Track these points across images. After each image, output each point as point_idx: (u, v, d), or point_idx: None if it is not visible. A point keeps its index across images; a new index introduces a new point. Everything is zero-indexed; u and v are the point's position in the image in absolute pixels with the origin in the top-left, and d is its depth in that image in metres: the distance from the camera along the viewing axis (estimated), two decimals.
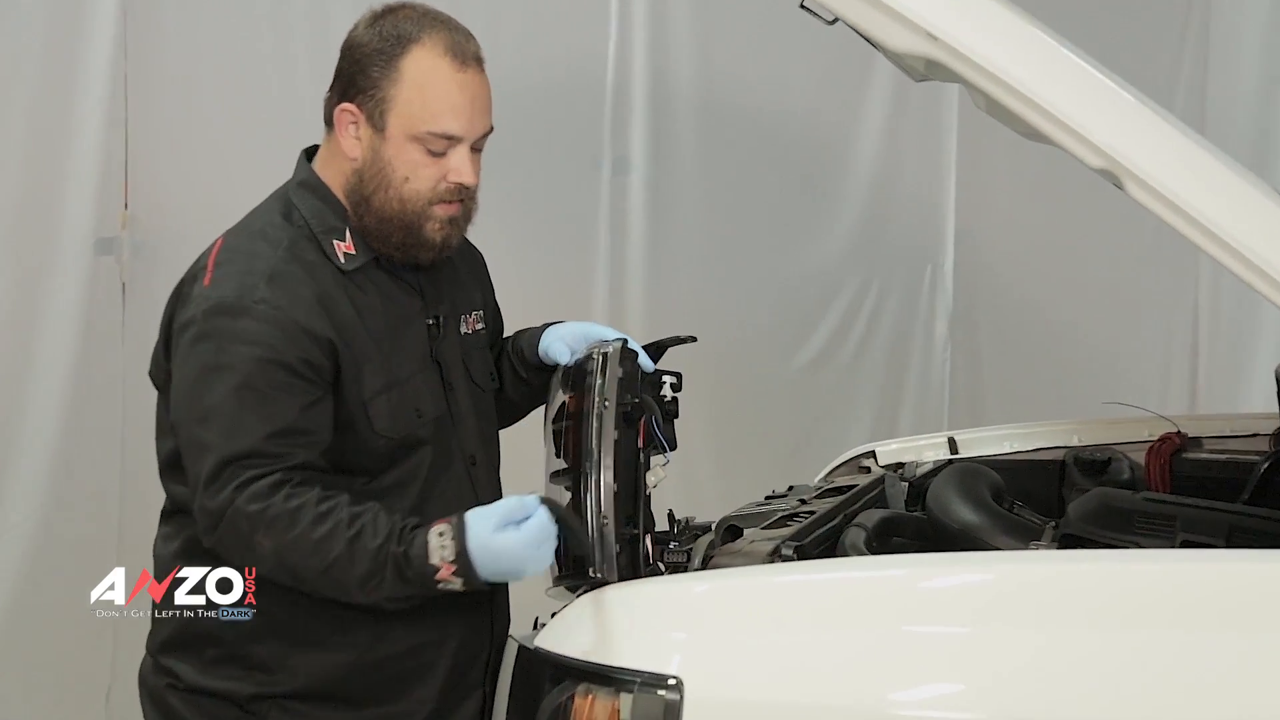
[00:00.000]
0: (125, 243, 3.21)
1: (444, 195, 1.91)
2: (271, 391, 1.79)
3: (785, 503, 2.32)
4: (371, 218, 1.92)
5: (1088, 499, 2.11)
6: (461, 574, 1.75)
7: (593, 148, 3.88)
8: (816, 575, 1.81)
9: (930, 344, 4.49)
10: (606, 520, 1.83)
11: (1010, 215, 4.52)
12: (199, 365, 1.82)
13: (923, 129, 4.37)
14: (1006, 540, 2.09)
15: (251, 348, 1.79)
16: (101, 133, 3.14)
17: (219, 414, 1.78)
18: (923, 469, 2.60)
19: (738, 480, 3.52)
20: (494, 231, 2.20)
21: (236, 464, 1.76)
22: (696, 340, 2.18)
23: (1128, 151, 1.72)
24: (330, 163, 1.96)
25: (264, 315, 1.81)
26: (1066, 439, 2.72)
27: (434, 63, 1.88)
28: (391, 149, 1.89)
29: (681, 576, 1.90)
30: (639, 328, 3.83)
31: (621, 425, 1.90)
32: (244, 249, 1.89)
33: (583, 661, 1.74)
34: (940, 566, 1.79)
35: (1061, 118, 1.73)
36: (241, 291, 1.82)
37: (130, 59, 3.17)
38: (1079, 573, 1.71)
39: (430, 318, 2.01)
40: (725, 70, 4.04)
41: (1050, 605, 1.66)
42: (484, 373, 2.12)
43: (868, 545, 2.02)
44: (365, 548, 1.75)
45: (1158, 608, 1.64)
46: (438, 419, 1.97)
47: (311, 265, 1.89)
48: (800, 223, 4.26)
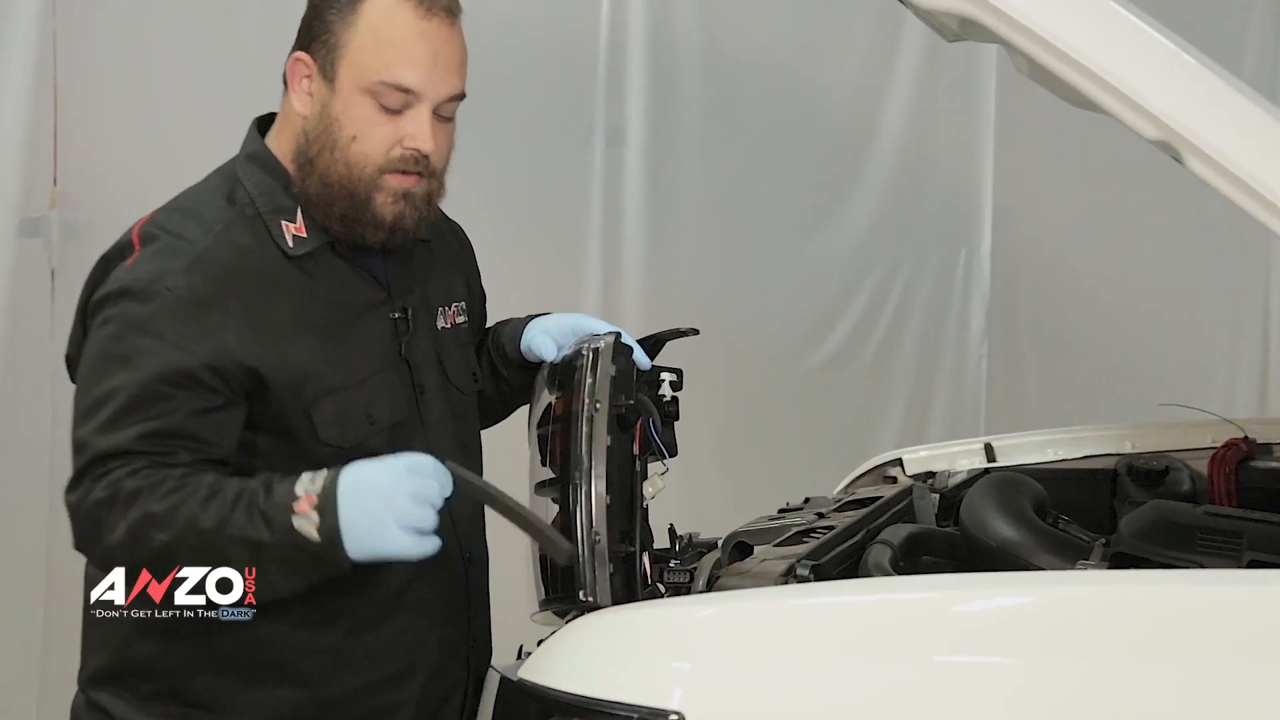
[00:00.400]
0: (54, 223, 3.20)
1: (397, 163, 1.89)
2: (164, 389, 1.77)
3: (800, 517, 2.32)
4: (314, 182, 1.90)
5: (1142, 513, 2.11)
6: (322, 509, 1.70)
7: (584, 116, 3.88)
8: (836, 599, 1.80)
9: (964, 338, 4.50)
10: (599, 537, 1.83)
11: (1055, 193, 4.53)
12: (97, 351, 1.81)
13: (957, 95, 4.38)
14: (1050, 559, 2.09)
15: (152, 341, 1.78)
16: (27, 99, 3.13)
17: (102, 408, 1.77)
18: (956, 479, 2.60)
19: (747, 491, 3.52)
20: (471, 212, 2.21)
21: (101, 463, 1.76)
22: (699, 333, 2.18)
23: (1188, 121, 1.72)
24: (283, 130, 1.95)
25: (172, 306, 1.79)
26: (1119, 445, 2.72)
27: (395, 7, 1.87)
28: (340, 103, 1.87)
29: (684, 600, 1.90)
30: (636, 319, 3.84)
31: (615, 429, 1.90)
32: (171, 228, 1.87)
33: (573, 695, 1.73)
34: (976, 589, 1.79)
35: (1113, 82, 1.73)
36: (155, 276, 1.80)
37: (60, 16, 3.16)
38: (1132, 596, 1.71)
39: (396, 311, 2.00)
40: (733, 29, 4.05)
41: (1100, 633, 1.66)
42: (464, 372, 2.12)
43: (893, 565, 2.02)
44: (223, 496, 1.72)
45: (1221, 636, 1.63)
46: (398, 425, 1.95)
47: (247, 252, 1.87)
48: (818, 202, 4.27)
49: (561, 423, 1.95)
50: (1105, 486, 2.61)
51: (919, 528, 2.25)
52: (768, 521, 2.30)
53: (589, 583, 1.82)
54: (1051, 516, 2.31)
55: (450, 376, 2.08)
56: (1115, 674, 1.62)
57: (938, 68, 4.28)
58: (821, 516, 2.30)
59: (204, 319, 1.80)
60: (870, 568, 2.01)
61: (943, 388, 4.47)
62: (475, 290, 2.24)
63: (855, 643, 1.70)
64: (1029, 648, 1.65)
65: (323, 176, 1.89)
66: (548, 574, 1.92)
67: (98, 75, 3.23)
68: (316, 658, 1.89)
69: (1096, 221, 4.50)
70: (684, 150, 4.02)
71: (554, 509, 1.93)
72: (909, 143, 4.33)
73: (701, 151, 4.04)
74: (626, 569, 1.89)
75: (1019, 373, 4.57)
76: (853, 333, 4.34)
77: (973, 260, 4.50)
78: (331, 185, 1.89)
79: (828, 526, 2.18)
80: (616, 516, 1.88)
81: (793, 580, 1.90)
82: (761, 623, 1.76)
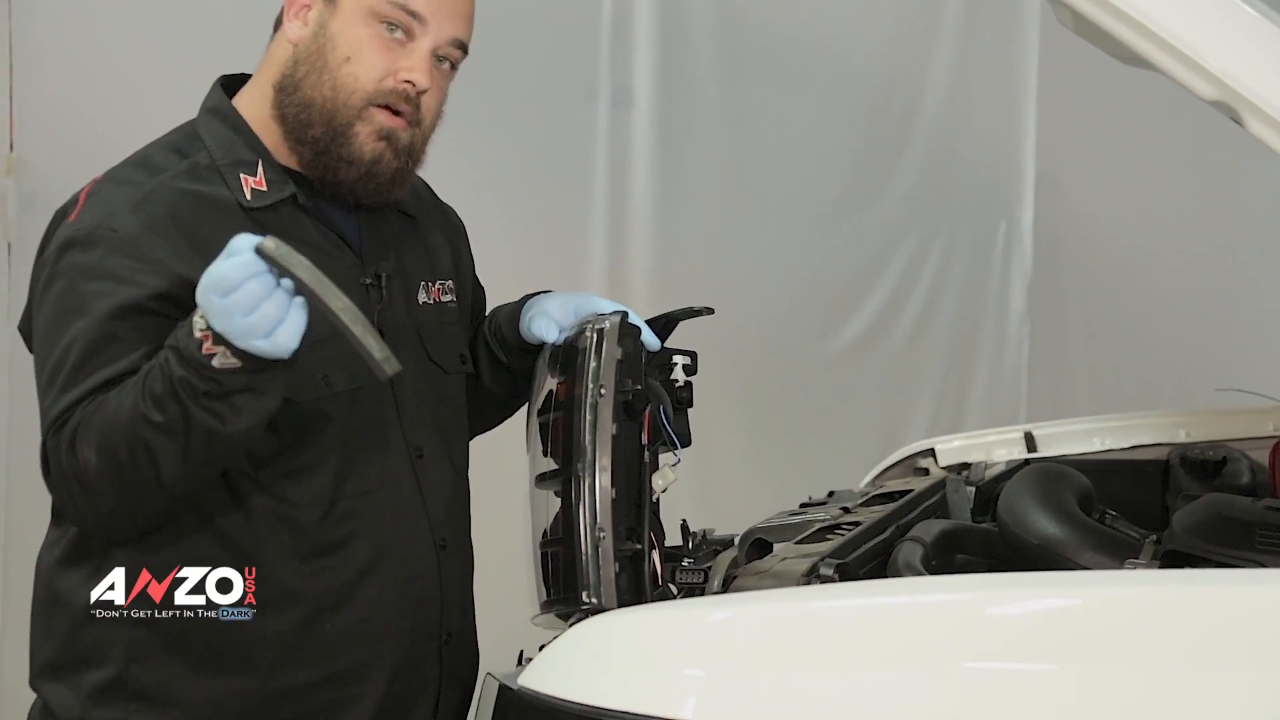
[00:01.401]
0: (11, 192, 3.22)
1: (388, 96, 1.92)
2: (117, 328, 1.80)
3: (824, 512, 2.32)
4: (294, 103, 1.93)
5: (1197, 508, 2.11)
6: (221, 341, 1.71)
7: (587, 77, 3.88)
8: (862, 600, 1.81)
9: (1004, 317, 4.51)
10: (603, 534, 1.84)
11: (1103, 159, 4.52)
12: (49, 312, 1.84)
13: (995, 52, 4.38)
14: (1096, 558, 2.09)
15: (103, 283, 1.81)
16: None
17: (63, 367, 1.80)
18: (993, 471, 2.60)
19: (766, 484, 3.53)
20: (467, 181, 2.21)
21: (66, 417, 1.78)
22: (714, 312, 2.18)
23: (1249, 79, 1.71)
24: (258, 84, 1.98)
25: (117, 244, 1.82)
26: (1171, 434, 2.72)
27: None
28: (339, 22, 1.92)
29: (697, 601, 1.91)
30: (645, 298, 3.84)
31: (621, 417, 1.91)
32: (119, 178, 1.91)
33: (577, 704, 1.74)
34: (1015, 590, 1.79)
35: (1167, 37, 1.72)
36: (98, 221, 1.84)
37: None
38: (1186, 598, 1.71)
39: (367, 277, 2.02)
40: None
41: (1150, 638, 1.66)
42: (448, 352, 2.13)
43: (925, 564, 2.02)
44: (154, 374, 1.74)
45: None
46: (360, 391, 1.96)
47: (199, 196, 1.89)
48: (844, 170, 4.26)
49: (563, 410, 1.96)
50: (1156, 479, 2.61)
51: (953, 524, 2.25)
52: (789, 517, 2.30)
53: (593, 583, 1.82)
54: (1098, 511, 2.31)
55: (430, 353, 2.09)
56: (1167, 683, 1.62)
57: (975, 22, 4.28)
58: (847, 511, 2.31)
59: (151, 251, 1.83)
60: (900, 567, 2.01)
61: (980, 372, 4.47)
62: (465, 273, 2.25)
63: (884, 649, 1.70)
64: (1073, 654, 1.66)
65: (304, 98, 1.93)
66: (549, 574, 1.93)
67: (56, 34, 3.24)
68: (269, 644, 1.89)
69: (1148, 190, 4.49)
70: (698, 113, 4.01)
71: (556, 503, 1.93)
72: (943, 104, 4.33)
73: (717, 114, 4.04)
74: (634, 568, 1.89)
75: (1063, 356, 4.57)
76: (882, 312, 4.34)
77: (1013, 233, 4.50)
78: (312, 106, 1.92)
79: (854, 522, 2.19)
80: (623, 512, 1.88)
81: (816, 581, 1.91)
82: (782, 627, 1.76)
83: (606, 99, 3.90)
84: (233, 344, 1.70)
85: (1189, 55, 1.72)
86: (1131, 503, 2.48)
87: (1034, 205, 4.49)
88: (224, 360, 1.72)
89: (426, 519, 2.02)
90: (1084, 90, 4.36)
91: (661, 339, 2.07)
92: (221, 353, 1.71)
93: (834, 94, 4.20)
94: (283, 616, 1.90)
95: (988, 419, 4.28)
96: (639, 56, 3.91)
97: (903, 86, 4.29)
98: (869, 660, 1.69)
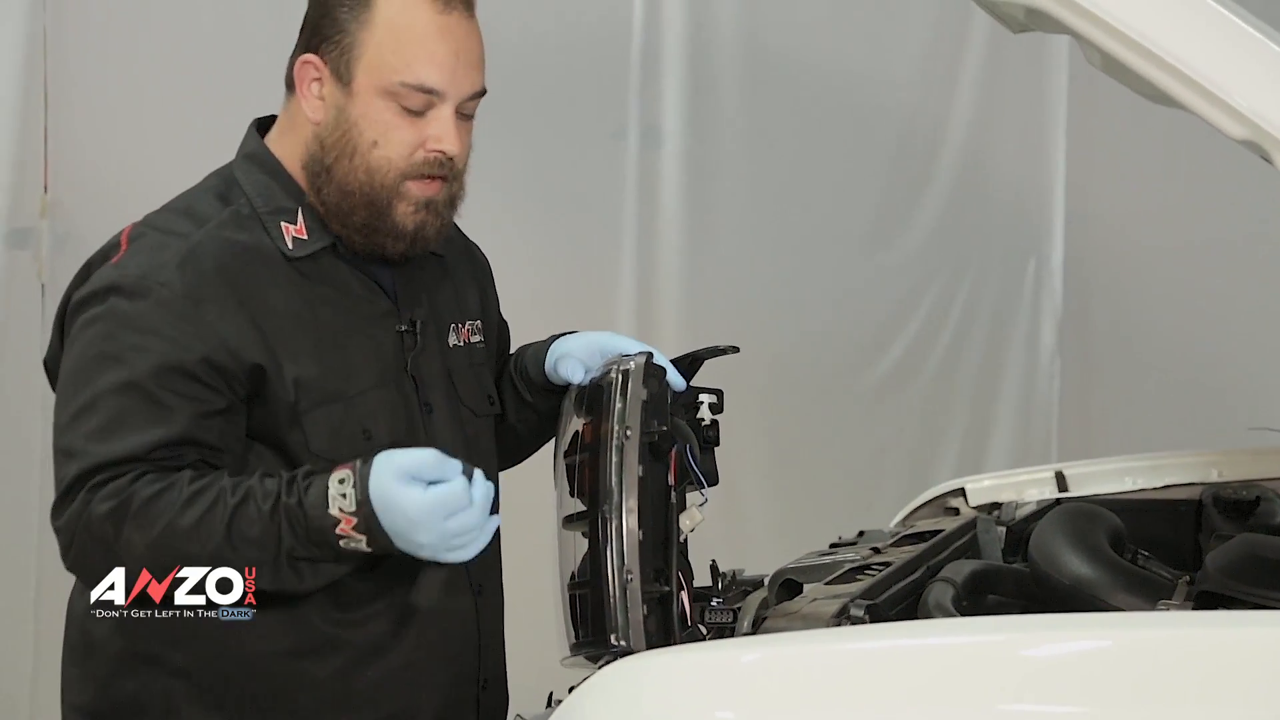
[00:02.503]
0: (45, 234, 3.24)
1: (421, 168, 1.92)
2: (162, 393, 1.79)
3: (854, 552, 2.31)
4: (333, 191, 1.93)
5: (1230, 548, 2.09)
6: (365, 529, 1.74)
7: (616, 115, 3.90)
8: (893, 642, 1.80)
9: (1034, 356, 4.49)
10: (630, 575, 1.83)
11: (1132, 197, 4.51)
12: (84, 352, 1.83)
13: (1024, 91, 4.38)
14: (1129, 599, 2.08)
15: (146, 338, 1.80)
16: (16, 101, 3.17)
17: (94, 413, 1.79)
18: (1024, 510, 2.59)
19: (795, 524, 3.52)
20: (495, 220, 2.22)
21: (101, 472, 1.77)
22: (739, 351, 2.17)
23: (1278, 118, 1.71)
24: (288, 134, 1.98)
25: (166, 301, 1.82)
26: (1204, 473, 2.70)
27: (411, 2, 1.89)
28: (359, 107, 1.90)
29: (727, 642, 1.90)
30: (673, 335, 3.84)
31: (647, 458, 1.90)
32: (162, 225, 1.91)
33: None
34: (1047, 631, 1.78)
35: (1196, 77, 1.72)
36: (146, 271, 1.83)
37: (49, 12, 3.20)
38: (1220, 640, 1.70)
39: (403, 324, 2.02)
40: (780, 19, 4.05)
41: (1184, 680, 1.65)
42: (478, 395, 2.13)
43: (956, 604, 2.01)
44: (255, 512, 1.75)
45: None
46: (399, 445, 1.93)
47: (244, 247, 1.90)
48: (872, 207, 4.27)
49: (590, 451, 1.95)
50: (1189, 519, 2.59)
51: (984, 564, 2.24)
52: (818, 557, 2.30)
53: (621, 625, 1.82)
54: (1130, 552, 2.30)
55: (462, 397, 2.09)
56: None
57: (1003, 61, 4.27)
58: (877, 552, 2.30)
59: (199, 313, 1.83)
60: (931, 608, 2.00)
61: (1009, 411, 4.45)
62: (491, 312, 2.25)
63: (915, 690, 1.70)
64: (1106, 696, 1.64)
65: (341, 184, 1.92)
66: (577, 616, 1.92)
67: (91, 76, 3.27)
68: (312, 692, 1.89)
69: (1178, 228, 4.47)
70: (726, 152, 4.02)
71: (583, 545, 1.93)
72: (972, 142, 4.33)
73: (745, 153, 4.04)
74: (662, 610, 1.88)
75: (1093, 394, 4.55)
76: (910, 350, 4.33)
77: (1043, 270, 4.49)
78: (352, 194, 1.92)
79: (884, 563, 2.18)
80: (650, 553, 1.88)
81: (846, 622, 1.90)
82: (812, 668, 1.75)
83: (635, 137, 3.91)
84: (394, 542, 1.74)
85: (1218, 95, 1.72)
86: (1164, 543, 2.46)
87: (1064, 243, 4.48)
88: (352, 544, 1.75)
89: (464, 565, 2.02)
90: (1113, 129, 4.36)
91: (687, 378, 2.07)
92: (358, 539, 1.74)
93: (862, 132, 4.20)
94: (324, 664, 1.90)
95: (1018, 457, 4.27)
96: (667, 95, 3.92)
97: (930, 123, 4.30)
98: (900, 702, 1.68)
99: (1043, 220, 4.49)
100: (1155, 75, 1.74)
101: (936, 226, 4.32)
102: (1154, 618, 1.95)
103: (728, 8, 3.97)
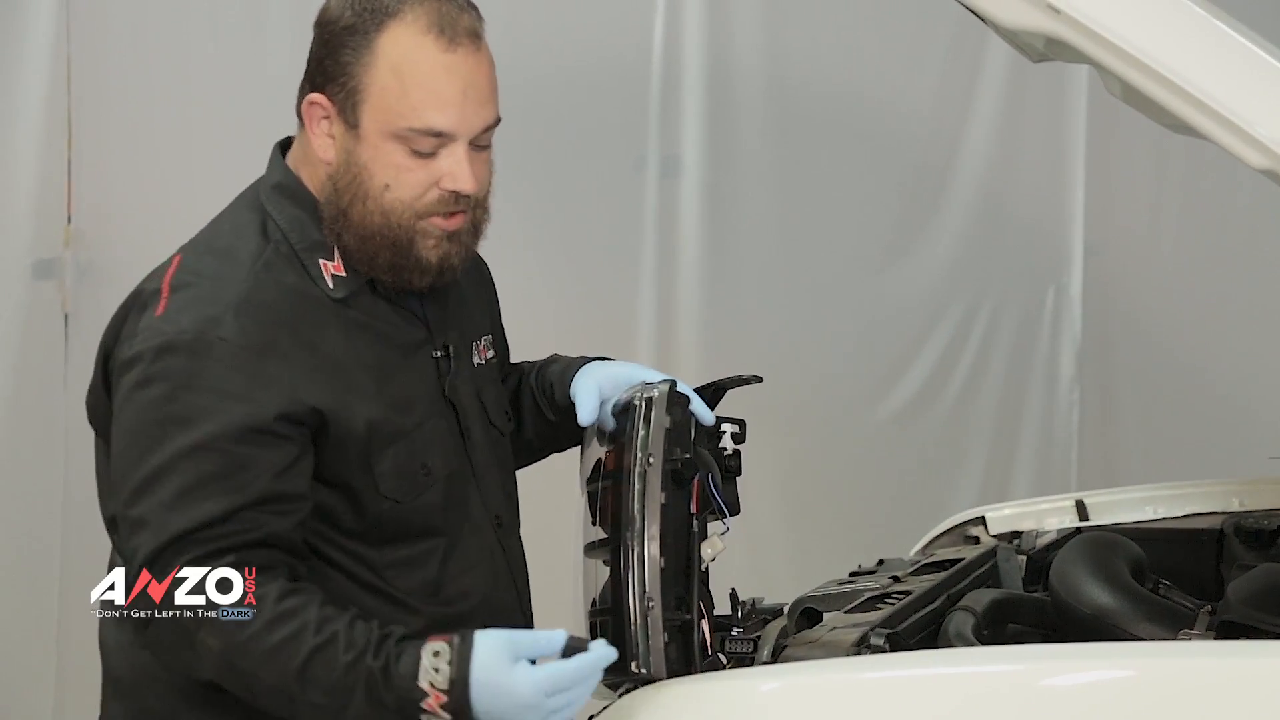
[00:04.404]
0: (68, 264, 3.24)
1: (437, 206, 1.88)
2: (238, 453, 1.75)
3: (874, 580, 2.31)
4: (351, 236, 1.89)
5: (1252, 578, 2.09)
6: (454, 708, 1.69)
7: (636, 144, 3.90)
8: (913, 671, 1.80)
9: (1053, 384, 4.48)
10: (652, 603, 1.83)
11: (1152, 226, 4.50)
12: (143, 416, 1.77)
13: (1043, 119, 4.37)
14: (1150, 628, 2.07)
15: (213, 397, 1.75)
16: (39, 131, 3.19)
17: (165, 481, 1.74)
18: (1045, 539, 2.58)
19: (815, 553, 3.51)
20: (515, 247, 2.22)
21: (183, 542, 1.73)
22: (762, 380, 2.18)
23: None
24: (307, 162, 1.94)
25: (228, 356, 1.77)
26: (1225, 503, 2.69)
27: (415, 41, 1.84)
28: (367, 150, 1.86)
29: (747, 671, 1.90)
30: (693, 364, 3.84)
31: (670, 486, 1.90)
32: (207, 271, 1.85)
33: None
34: (1067, 661, 1.78)
35: (1216, 107, 1.73)
36: (202, 325, 1.78)
37: (74, 42, 3.22)
38: (1242, 670, 1.69)
39: (437, 349, 2.01)
40: (799, 49, 4.06)
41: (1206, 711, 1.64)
42: (500, 412, 2.12)
43: (977, 633, 2.01)
44: (334, 660, 1.70)
45: None
46: (452, 476, 1.96)
47: (292, 291, 1.86)
48: (891, 236, 4.27)
49: (612, 479, 1.96)
50: (1211, 548, 2.58)
51: (1004, 593, 2.24)
52: (838, 586, 2.30)
53: (642, 653, 1.82)
54: (1151, 581, 2.30)
55: (491, 417, 2.08)
56: None
57: (1022, 90, 4.27)
58: (897, 580, 2.30)
59: (264, 366, 1.79)
60: (951, 637, 2.00)
61: (1029, 439, 4.44)
62: (497, 322, 2.24)
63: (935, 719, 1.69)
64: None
65: (360, 229, 1.88)
66: None
67: (114, 106, 3.28)
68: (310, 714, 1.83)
69: (1198, 257, 4.46)
70: (745, 181, 4.02)
71: (605, 572, 1.93)
72: (990, 171, 4.32)
73: (764, 183, 4.05)
74: (683, 638, 1.88)
75: (1114, 423, 4.53)
76: (929, 379, 4.32)
77: (1062, 299, 4.47)
78: (372, 237, 1.88)
79: (904, 591, 2.18)
80: (671, 581, 1.88)
81: (866, 651, 1.90)
82: (832, 697, 1.75)
83: (655, 167, 3.92)
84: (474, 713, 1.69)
85: (1238, 124, 1.72)
86: (1185, 572, 2.45)
87: (1082, 272, 4.46)
88: (436, 717, 1.70)
89: (514, 587, 2.03)
90: (1133, 157, 4.35)
91: (711, 407, 2.07)
92: (443, 716, 1.69)
93: (881, 162, 4.20)
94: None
95: (1037, 486, 4.25)
96: (687, 125, 3.92)
97: (949, 152, 4.29)
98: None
99: (1062, 249, 4.47)
100: (1175, 105, 1.75)
101: (956, 256, 4.31)
102: (1176, 648, 1.95)
103: (747, 39, 3.97)
